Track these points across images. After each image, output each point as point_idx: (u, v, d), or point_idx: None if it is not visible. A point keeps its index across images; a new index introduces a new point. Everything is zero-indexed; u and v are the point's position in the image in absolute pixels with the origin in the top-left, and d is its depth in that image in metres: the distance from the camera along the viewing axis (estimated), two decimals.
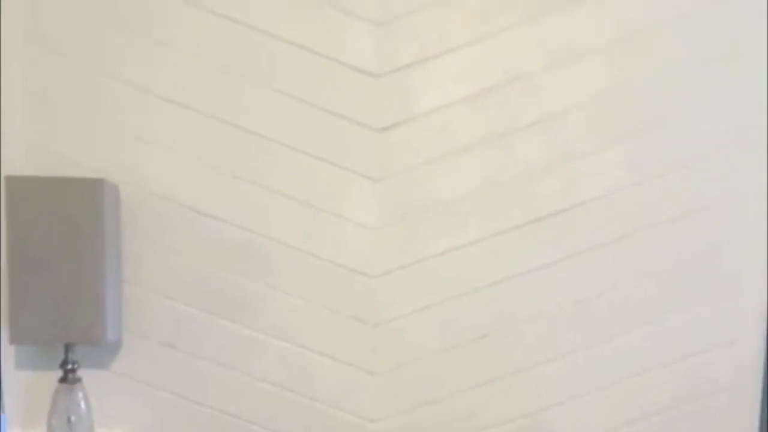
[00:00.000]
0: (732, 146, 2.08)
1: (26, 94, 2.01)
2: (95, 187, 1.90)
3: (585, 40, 2.04)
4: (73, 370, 1.99)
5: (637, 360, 2.13)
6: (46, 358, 2.05)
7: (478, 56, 2.04)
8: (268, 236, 2.07)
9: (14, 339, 1.91)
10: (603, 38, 2.04)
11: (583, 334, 2.12)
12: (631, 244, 2.09)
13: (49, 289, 1.89)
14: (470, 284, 2.09)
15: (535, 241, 2.08)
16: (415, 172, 2.06)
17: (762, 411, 2.12)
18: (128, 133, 2.04)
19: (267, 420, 2.13)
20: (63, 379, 1.98)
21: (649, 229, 2.09)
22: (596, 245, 2.09)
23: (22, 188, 1.87)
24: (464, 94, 2.04)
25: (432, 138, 2.05)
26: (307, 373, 2.12)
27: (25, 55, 2.00)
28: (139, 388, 2.11)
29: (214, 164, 2.05)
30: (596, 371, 2.13)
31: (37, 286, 1.88)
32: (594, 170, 2.07)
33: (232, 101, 2.04)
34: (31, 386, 2.07)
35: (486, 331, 2.11)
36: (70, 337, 1.94)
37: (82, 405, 2.00)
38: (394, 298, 2.10)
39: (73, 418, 1.98)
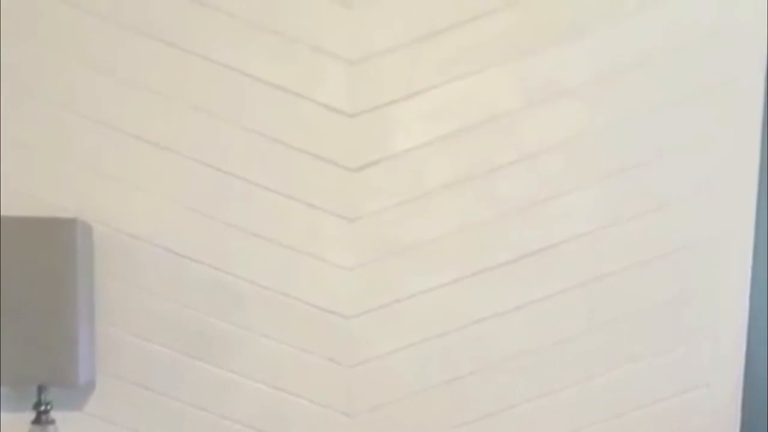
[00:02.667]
0: (711, 187, 2.07)
1: None
2: (67, 227, 1.89)
3: (563, 79, 2.03)
4: (46, 412, 1.97)
5: (613, 402, 2.10)
6: (18, 400, 2.03)
7: (455, 95, 2.03)
8: (242, 277, 2.06)
9: None
10: (581, 78, 2.03)
11: (559, 375, 2.10)
12: (609, 284, 2.07)
13: (21, 330, 1.87)
14: (447, 325, 2.08)
15: (512, 282, 2.07)
16: (391, 212, 2.05)
17: None
18: (101, 172, 2.03)
19: None
20: (36, 421, 1.96)
21: (627, 269, 2.07)
22: (573, 286, 2.07)
23: None
24: (440, 133, 2.04)
25: (408, 178, 2.04)
26: (282, 415, 2.10)
27: None
28: (114, 429, 2.08)
29: (188, 204, 2.05)
30: (574, 412, 2.10)
31: (8, 327, 1.86)
32: (572, 211, 2.06)
33: (206, 140, 2.03)
34: (4, 428, 2.03)
35: (462, 372, 2.09)
36: (43, 379, 1.93)
37: None
38: (370, 338, 2.08)
39: None
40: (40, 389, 1.96)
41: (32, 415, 1.96)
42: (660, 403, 2.11)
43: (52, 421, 1.97)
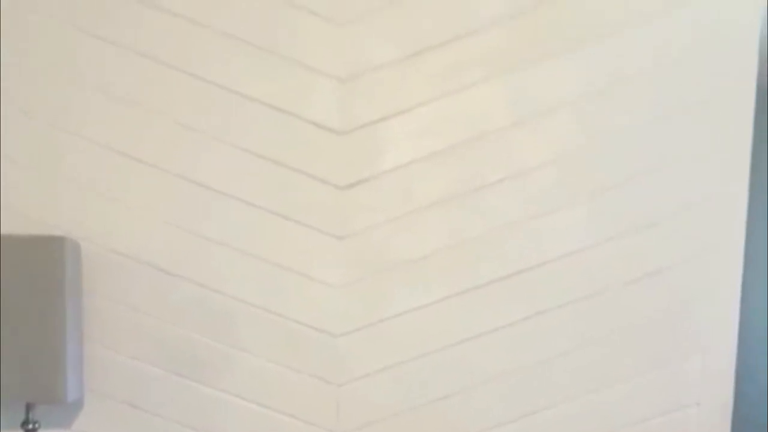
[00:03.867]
0: (702, 204, 2.05)
1: None
2: (56, 245, 1.88)
3: (552, 95, 2.02)
4: (34, 430, 1.96)
5: (602, 421, 2.09)
6: (6, 418, 2.02)
7: (444, 112, 2.02)
8: (231, 295, 2.05)
9: None
10: (570, 94, 2.02)
11: (548, 394, 2.08)
12: (598, 302, 2.06)
13: (9, 348, 1.86)
14: (435, 343, 2.06)
15: (501, 300, 2.06)
16: (380, 230, 2.04)
17: None
18: (90, 190, 2.03)
19: None
20: None
21: (616, 287, 2.06)
22: (562, 304, 2.06)
23: None
24: (430, 151, 2.03)
25: (397, 195, 2.04)
26: None
27: None
28: None
29: (177, 222, 2.04)
30: (563, 431, 2.09)
31: None
32: (560, 228, 2.05)
33: (195, 158, 2.03)
34: None
35: (450, 390, 2.08)
36: (31, 397, 1.92)
37: None
38: (359, 357, 2.07)
39: None
40: (28, 407, 1.95)
41: None
42: (650, 422, 2.09)
43: None
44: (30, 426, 1.96)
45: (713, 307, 2.07)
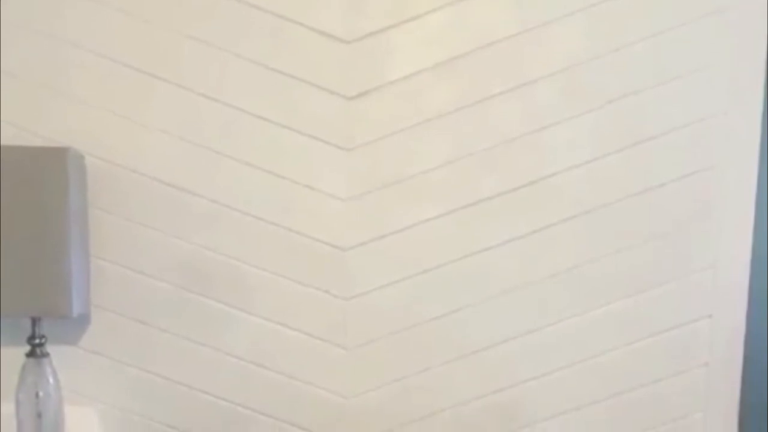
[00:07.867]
0: (712, 115, 2.02)
1: None
2: (59, 156, 1.85)
3: (560, 5, 1.97)
4: (40, 345, 1.95)
5: (611, 334, 2.07)
6: (13, 332, 2.01)
7: (452, 20, 1.98)
8: (237, 208, 2.03)
9: None
10: (579, 2, 1.98)
11: (556, 308, 2.07)
12: (607, 215, 2.03)
13: (13, 261, 1.84)
14: (442, 257, 2.04)
15: (508, 213, 2.03)
16: (388, 141, 2.01)
17: (742, 385, 2.07)
18: (93, 103, 2.00)
19: (237, 395, 2.09)
20: (30, 354, 1.94)
21: (625, 200, 2.03)
22: (570, 217, 2.03)
23: None
24: (438, 60, 1.99)
25: (404, 106, 2.00)
26: (278, 348, 2.08)
27: None
28: (109, 364, 2.07)
29: (181, 134, 2.01)
30: (570, 346, 2.08)
31: (1, 259, 1.83)
32: (568, 140, 2.01)
33: (199, 69, 1.99)
34: None
35: (459, 305, 2.07)
36: (37, 311, 1.90)
37: (51, 380, 1.95)
38: (367, 271, 2.05)
39: (41, 394, 1.94)
40: (34, 322, 1.94)
41: (27, 348, 1.94)
42: (660, 336, 2.07)
43: (47, 354, 1.95)
44: (36, 341, 1.94)
45: (726, 221, 2.04)
